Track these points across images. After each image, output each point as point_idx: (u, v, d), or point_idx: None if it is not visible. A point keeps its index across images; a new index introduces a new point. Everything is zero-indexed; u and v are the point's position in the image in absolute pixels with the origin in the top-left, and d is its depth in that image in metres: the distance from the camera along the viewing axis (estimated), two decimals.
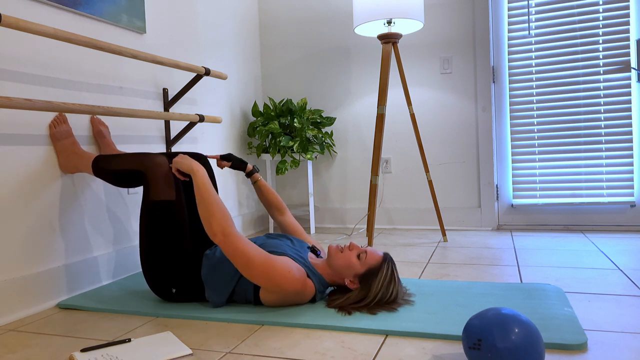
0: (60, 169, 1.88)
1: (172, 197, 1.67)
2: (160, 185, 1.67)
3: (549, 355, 1.22)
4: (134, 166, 1.71)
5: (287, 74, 3.48)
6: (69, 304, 1.76)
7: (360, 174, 3.35)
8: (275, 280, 1.52)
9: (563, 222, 2.99)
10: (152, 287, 1.72)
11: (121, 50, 1.84)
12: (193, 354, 1.31)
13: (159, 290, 1.71)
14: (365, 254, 1.59)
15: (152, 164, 1.68)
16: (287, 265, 1.54)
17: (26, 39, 1.76)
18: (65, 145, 1.85)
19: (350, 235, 3.09)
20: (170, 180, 1.68)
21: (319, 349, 1.30)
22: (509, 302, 1.59)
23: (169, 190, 1.67)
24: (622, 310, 1.51)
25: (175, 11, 2.59)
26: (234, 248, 1.51)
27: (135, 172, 1.71)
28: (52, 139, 1.84)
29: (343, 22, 3.33)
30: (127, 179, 1.74)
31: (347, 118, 3.35)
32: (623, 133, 2.86)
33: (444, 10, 3.11)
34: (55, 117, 1.85)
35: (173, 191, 1.68)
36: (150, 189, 1.68)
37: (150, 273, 1.70)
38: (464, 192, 3.13)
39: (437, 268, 2.16)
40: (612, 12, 2.84)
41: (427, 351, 1.27)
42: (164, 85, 2.47)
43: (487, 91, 3.04)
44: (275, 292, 1.55)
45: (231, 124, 3.14)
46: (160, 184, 1.67)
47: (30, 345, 1.42)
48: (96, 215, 2.04)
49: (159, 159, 1.70)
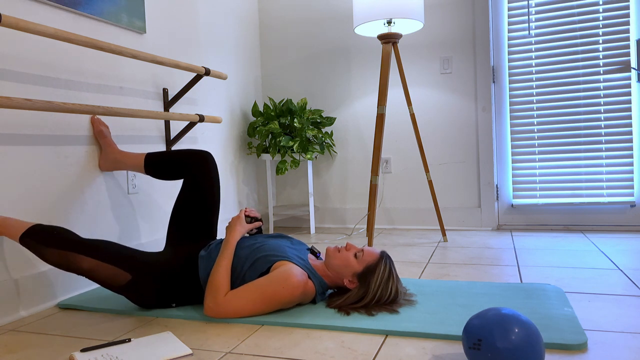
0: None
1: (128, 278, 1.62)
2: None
3: (549, 355, 1.22)
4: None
5: (287, 74, 3.48)
6: (69, 304, 1.76)
7: (360, 174, 3.35)
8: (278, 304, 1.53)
9: (563, 222, 2.99)
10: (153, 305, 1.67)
11: (121, 50, 1.84)
12: (193, 354, 1.31)
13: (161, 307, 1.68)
14: (362, 253, 1.60)
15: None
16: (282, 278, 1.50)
17: (26, 39, 1.76)
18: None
19: (350, 235, 3.09)
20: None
21: (319, 349, 1.30)
22: (509, 302, 1.59)
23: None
24: (622, 310, 1.51)
25: (176, 11, 2.59)
26: (228, 313, 1.52)
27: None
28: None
29: (343, 22, 3.33)
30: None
31: (347, 118, 3.35)
32: (623, 133, 2.86)
33: (444, 10, 3.11)
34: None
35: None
36: None
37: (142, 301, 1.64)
38: (464, 192, 3.13)
39: (437, 268, 2.16)
40: (612, 12, 2.84)
41: (427, 351, 1.27)
42: (164, 85, 2.47)
43: (487, 91, 3.04)
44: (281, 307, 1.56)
45: (231, 124, 3.14)
46: None
47: (30, 345, 1.42)
48: (96, 214, 2.04)
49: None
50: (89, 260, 1.55)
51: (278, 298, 1.51)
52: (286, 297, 1.51)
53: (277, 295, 1.50)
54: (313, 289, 1.60)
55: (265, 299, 1.50)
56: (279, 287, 1.50)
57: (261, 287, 1.51)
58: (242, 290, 1.52)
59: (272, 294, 1.50)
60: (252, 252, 1.62)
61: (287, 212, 3.17)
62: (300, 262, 1.61)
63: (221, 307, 1.51)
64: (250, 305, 1.51)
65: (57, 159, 1.87)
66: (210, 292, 1.53)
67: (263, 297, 1.50)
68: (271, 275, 1.52)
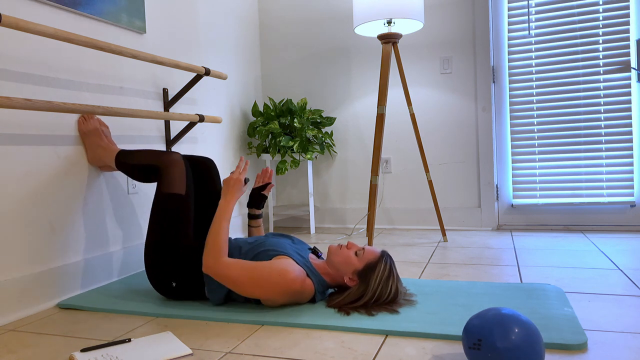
0: (88, 162, 1.99)
1: (182, 191, 1.75)
2: (173, 179, 1.76)
3: (549, 355, 1.22)
4: (151, 161, 1.81)
5: (287, 74, 3.48)
6: (69, 304, 1.76)
7: (360, 174, 3.35)
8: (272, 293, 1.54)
9: (563, 222, 2.99)
10: (153, 279, 1.73)
11: (121, 50, 1.84)
12: (193, 354, 1.31)
13: (160, 283, 1.72)
14: (363, 251, 1.61)
15: (168, 159, 1.79)
16: (280, 268, 1.53)
17: (26, 39, 1.76)
18: (93, 140, 1.96)
19: (350, 235, 3.09)
20: (183, 176, 1.77)
21: (318, 349, 1.30)
22: (509, 302, 1.59)
23: (180, 185, 1.76)
24: (622, 310, 1.51)
25: (176, 11, 2.59)
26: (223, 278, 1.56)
27: (152, 166, 1.81)
28: (82, 133, 1.95)
29: (343, 22, 3.33)
30: (146, 173, 1.83)
31: (347, 118, 3.35)
32: (623, 133, 2.86)
33: (444, 10, 3.11)
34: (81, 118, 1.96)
35: (184, 186, 1.77)
36: (164, 181, 1.77)
37: (152, 263, 1.72)
38: (464, 192, 3.13)
39: (437, 268, 2.16)
40: (612, 12, 2.84)
41: (427, 351, 1.27)
42: (164, 85, 2.47)
43: (487, 91, 3.04)
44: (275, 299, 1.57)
45: (231, 124, 3.14)
46: (173, 177, 1.76)
47: (30, 345, 1.42)
48: (97, 215, 2.04)
49: (175, 156, 1.81)
50: (177, 155, 1.79)
51: (272, 286, 1.53)
52: (280, 288, 1.53)
53: (271, 282, 1.53)
54: (312, 287, 1.60)
55: (260, 281, 1.53)
56: (275, 275, 1.53)
57: (261, 269, 1.54)
58: (243, 263, 1.57)
59: (267, 279, 1.53)
60: (253, 248, 1.66)
61: (287, 212, 3.17)
62: (300, 260, 1.61)
63: (220, 269, 1.56)
64: (245, 278, 1.54)
65: (57, 159, 1.87)
66: (212, 251, 1.59)
67: (259, 278, 1.53)
68: (272, 263, 1.55)
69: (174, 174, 1.76)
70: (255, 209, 2.00)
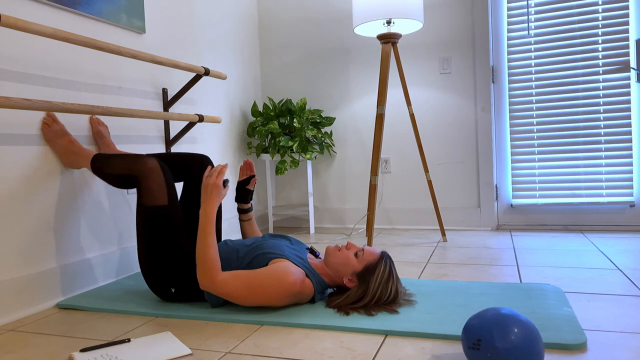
0: (64, 165, 1.88)
1: (165, 202, 1.67)
2: (152, 190, 1.67)
3: (549, 355, 1.22)
4: (126, 171, 1.70)
5: (287, 74, 3.48)
6: (68, 304, 1.76)
7: (359, 174, 3.35)
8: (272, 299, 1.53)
9: (562, 222, 2.99)
10: (152, 287, 1.72)
11: (120, 50, 1.84)
12: (193, 354, 1.31)
13: (159, 290, 1.71)
14: (363, 252, 1.60)
15: (143, 168, 1.67)
16: (278, 273, 1.52)
17: (26, 39, 1.75)
18: (62, 145, 1.83)
19: (349, 235, 3.09)
20: (163, 184, 1.68)
21: (318, 349, 1.30)
22: (508, 302, 1.59)
23: (161, 195, 1.67)
24: (622, 310, 1.51)
25: (175, 11, 2.59)
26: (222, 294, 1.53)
27: (129, 176, 1.70)
28: (47, 140, 1.81)
29: (343, 22, 3.33)
30: (123, 182, 1.73)
31: (347, 118, 3.35)
32: (622, 133, 2.86)
33: (444, 10, 3.11)
34: (44, 118, 1.80)
35: (165, 196, 1.67)
36: (143, 194, 1.68)
37: (149, 274, 1.70)
38: (463, 192, 3.13)
39: (436, 268, 2.16)
40: (611, 12, 2.84)
41: (427, 351, 1.27)
42: (163, 85, 2.47)
43: (486, 91, 3.04)
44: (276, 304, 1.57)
45: (231, 124, 3.14)
46: (151, 189, 1.67)
47: (30, 345, 1.42)
48: (95, 215, 2.04)
49: (150, 163, 1.68)
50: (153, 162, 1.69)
51: (273, 292, 1.51)
52: (281, 293, 1.52)
53: (271, 289, 1.51)
54: (311, 287, 1.60)
55: (260, 290, 1.51)
56: (274, 281, 1.51)
57: (259, 278, 1.52)
58: (240, 275, 1.53)
59: (267, 287, 1.51)
60: (251, 251, 1.64)
61: (286, 212, 3.17)
62: (298, 261, 1.61)
63: (217, 288, 1.52)
64: (245, 291, 1.52)
65: (56, 159, 1.86)
66: (205, 271, 1.52)
67: (258, 288, 1.51)
68: (270, 269, 1.53)
69: (151, 184, 1.66)
70: (244, 204, 1.97)
